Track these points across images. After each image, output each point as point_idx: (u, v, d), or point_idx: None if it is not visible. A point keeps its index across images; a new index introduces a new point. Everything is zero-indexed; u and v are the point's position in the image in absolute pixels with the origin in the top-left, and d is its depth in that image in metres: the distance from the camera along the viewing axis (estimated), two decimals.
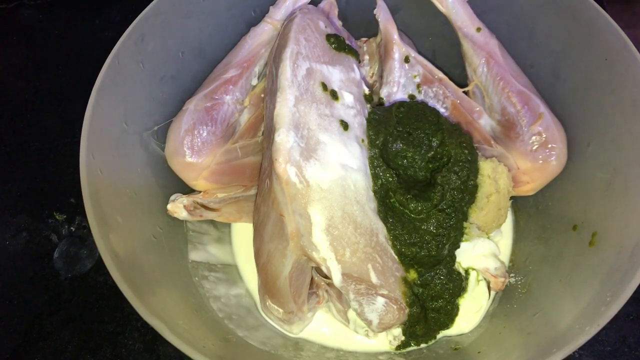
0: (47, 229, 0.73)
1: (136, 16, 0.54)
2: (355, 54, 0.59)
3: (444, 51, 0.69)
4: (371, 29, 0.67)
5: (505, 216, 0.58)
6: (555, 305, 0.50)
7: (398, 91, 0.62)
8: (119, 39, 0.52)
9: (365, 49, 0.68)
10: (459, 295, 0.56)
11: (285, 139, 0.48)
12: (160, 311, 0.44)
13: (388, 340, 0.56)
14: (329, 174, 0.49)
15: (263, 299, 0.56)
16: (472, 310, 0.58)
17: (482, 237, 0.57)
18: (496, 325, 0.56)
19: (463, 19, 0.62)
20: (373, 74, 0.67)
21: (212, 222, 0.64)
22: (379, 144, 0.55)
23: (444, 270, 0.54)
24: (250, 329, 0.55)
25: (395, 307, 0.51)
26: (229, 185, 0.59)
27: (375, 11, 0.64)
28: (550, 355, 0.41)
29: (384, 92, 0.62)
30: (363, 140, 0.54)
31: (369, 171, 0.53)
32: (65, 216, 0.73)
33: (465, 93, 0.64)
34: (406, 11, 0.67)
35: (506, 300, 0.59)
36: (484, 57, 0.61)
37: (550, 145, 0.56)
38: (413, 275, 0.53)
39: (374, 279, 0.49)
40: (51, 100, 0.83)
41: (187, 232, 0.60)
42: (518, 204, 0.66)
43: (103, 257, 0.44)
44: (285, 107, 0.49)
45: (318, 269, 0.55)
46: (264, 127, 0.59)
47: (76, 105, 0.55)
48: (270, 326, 0.59)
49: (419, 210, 0.53)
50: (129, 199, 0.52)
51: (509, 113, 0.59)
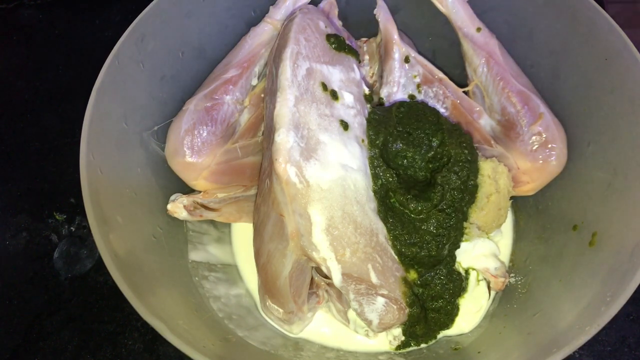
0: (47, 229, 0.73)
1: (136, 16, 0.54)
2: (355, 54, 0.59)
3: (444, 51, 0.68)
4: (371, 29, 0.67)
5: (505, 216, 0.58)
6: (555, 305, 0.50)
7: (398, 91, 0.62)
8: (119, 39, 0.52)
9: (365, 49, 0.68)
10: (459, 295, 0.56)
11: (285, 139, 0.48)
12: (160, 311, 0.44)
13: (388, 340, 0.56)
14: (329, 174, 0.49)
15: (263, 299, 0.56)
16: (472, 310, 0.58)
17: (482, 237, 0.57)
18: (496, 325, 0.56)
19: (463, 19, 0.62)
20: (373, 74, 0.67)
21: (212, 222, 0.64)
22: (379, 144, 0.55)
23: (444, 271, 0.54)
24: (250, 329, 0.55)
25: (395, 307, 0.51)
26: (229, 185, 0.59)
27: (375, 11, 0.64)
28: (550, 355, 0.41)
29: (384, 92, 0.62)
30: (363, 140, 0.54)
31: (369, 171, 0.53)
32: (65, 216, 0.73)
33: (465, 93, 0.63)
34: (406, 11, 0.67)
35: (506, 300, 0.59)
36: (484, 57, 0.61)
37: (550, 145, 0.56)
38: (413, 276, 0.53)
39: (374, 279, 0.49)
40: (51, 100, 0.83)
41: (187, 232, 0.60)
42: (518, 204, 0.66)
43: (103, 257, 0.44)
44: (285, 107, 0.49)
45: (318, 269, 0.55)
46: (264, 127, 0.59)
47: (76, 105, 0.55)
48: (270, 326, 0.59)
49: (419, 210, 0.53)
50: (129, 199, 0.52)
51: (509, 113, 0.59)
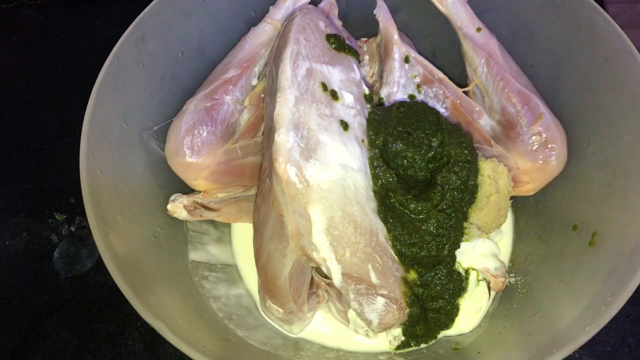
0: (47, 229, 0.73)
1: (136, 16, 0.54)
2: (355, 54, 0.59)
3: (444, 51, 0.69)
4: (371, 29, 0.67)
5: (505, 216, 0.58)
6: (555, 305, 0.50)
7: (398, 91, 0.62)
8: (119, 39, 0.52)
9: (365, 49, 0.68)
10: (459, 295, 0.56)
11: (285, 139, 0.48)
12: (160, 311, 0.44)
13: (388, 340, 0.56)
14: (329, 174, 0.49)
15: (263, 299, 0.56)
16: (472, 310, 0.58)
17: (482, 237, 0.57)
18: (496, 325, 0.56)
19: (463, 19, 0.62)
20: (373, 74, 0.67)
21: (212, 222, 0.64)
22: (379, 144, 0.55)
23: (444, 271, 0.54)
24: (250, 329, 0.55)
25: (395, 307, 0.51)
26: (229, 185, 0.59)
27: (375, 11, 0.64)
28: (550, 355, 0.41)
29: (384, 92, 0.62)
30: (363, 141, 0.54)
31: (369, 171, 0.53)
32: (65, 216, 0.73)
33: (465, 93, 0.63)
34: (406, 11, 0.67)
35: (506, 300, 0.59)
36: (484, 57, 0.61)
37: (550, 145, 0.56)
38: (413, 276, 0.53)
39: (374, 279, 0.49)
40: (51, 100, 0.83)
41: (187, 232, 0.60)
42: (518, 204, 0.66)
43: (103, 257, 0.44)
44: (285, 107, 0.49)
45: (318, 269, 0.55)
46: (264, 127, 0.59)
47: (76, 105, 0.55)
48: (270, 326, 0.59)
49: (419, 211, 0.53)
50: (129, 199, 0.52)
51: (509, 113, 0.59)
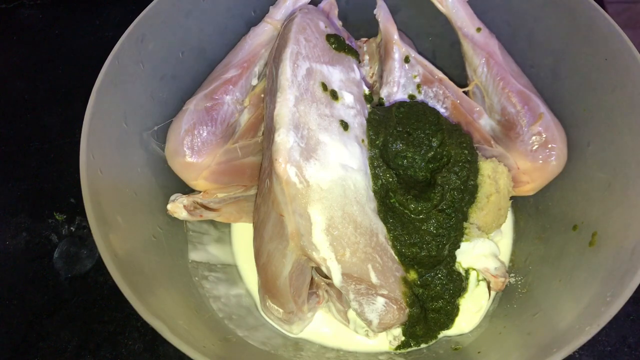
0: (47, 229, 0.73)
1: (136, 16, 0.54)
2: (355, 54, 0.59)
3: (444, 51, 0.69)
4: (371, 29, 0.67)
5: (505, 216, 0.58)
6: (555, 305, 0.50)
7: (398, 91, 0.62)
8: (119, 39, 0.52)
9: (365, 49, 0.68)
10: (459, 295, 0.56)
11: (285, 139, 0.48)
12: (160, 311, 0.44)
13: (388, 340, 0.56)
14: (329, 174, 0.49)
15: (263, 299, 0.56)
16: (472, 310, 0.58)
17: (482, 237, 0.57)
18: (496, 325, 0.56)
19: (463, 19, 0.62)
20: (373, 74, 0.67)
21: (212, 222, 0.64)
22: (379, 144, 0.55)
23: (444, 271, 0.54)
24: (250, 329, 0.55)
25: (395, 307, 0.51)
26: (229, 185, 0.59)
27: (375, 11, 0.64)
28: (550, 355, 0.41)
29: (384, 92, 0.62)
30: (363, 141, 0.54)
31: (369, 171, 0.53)
32: (65, 216, 0.73)
33: (465, 93, 0.63)
34: (406, 11, 0.67)
35: (506, 300, 0.59)
36: (484, 57, 0.61)
37: (550, 145, 0.56)
38: (413, 276, 0.53)
39: (374, 279, 0.49)
40: (51, 100, 0.83)
41: (187, 232, 0.60)
42: (518, 204, 0.66)
43: (103, 257, 0.44)
44: (285, 107, 0.49)
45: (318, 269, 0.55)
46: (264, 127, 0.59)
47: (76, 105, 0.55)
48: (270, 326, 0.59)
49: (419, 211, 0.53)
50: (129, 199, 0.52)
51: (509, 113, 0.59)
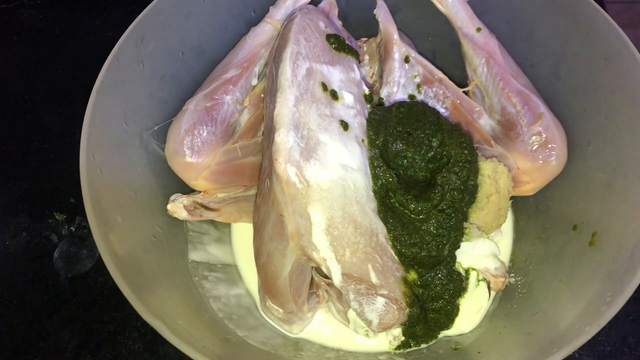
0: (47, 229, 0.73)
1: (136, 16, 0.54)
2: (355, 54, 0.59)
3: (444, 51, 0.68)
4: (371, 29, 0.67)
5: (505, 216, 0.58)
6: (555, 305, 0.50)
7: (398, 91, 0.62)
8: (119, 39, 0.52)
9: (365, 49, 0.68)
10: (459, 295, 0.56)
11: (285, 139, 0.48)
12: (160, 311, 0.44)
13: (388, 340, 0.56)
14: (329, 174, 0.49)
15: (263, 299, 0.56)
16: (472, 310, 0.58)
17: (482, 237, 0.57)
18: (496, 325, 0.56)
19: (463, 19, 0.62)
20: (373, 74, 0.67)
21: (212, 222, 0.64)
22: (379, 144, 0.55)
23: (444, 271, 0.54)
24: (250, 329, 0.55)
25: (395, 307, 0.51)
26: (229, 185, 0.59)
27: (375, 11, 0.64)
28: (550, 355, 0.41)
29: (384, 92, 0.62)
30: (363, 141, 0.54)
31: (369, 171, 0.53)
32: (65, 216, 0.73)
33: (465, 93, 0.63)
34: (406, 11, 0.67)
35: (506, 300, 0.59)
36: (484, 57, 0.61)
37: (550, 145, 0.56)
38: (413, 276, 0.53)
39: (374, 279, 0.49)
40: (51, 100, 0.83)
41: (187, 232, 0.60)
42: (518, 204, 0.66)
43: (103, 257, 0.44)
44: (285, 107, 0.49)
45: (318, 269, 0.55)
46: (264, 127, 0.59)
47: (76, 105, 0.55)
48: (270, 326, 0.59)
49: (419, 211, 0.53)
50: (129, 199, 0.52)
51: (509, 113, 0.59)
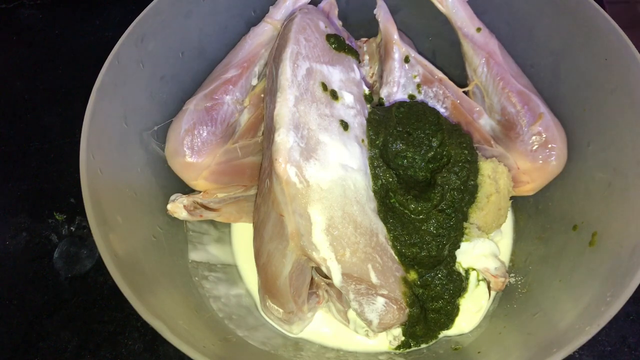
0: (47, 229, 0.73)
1: (136, 16, 0.54)
2: (355, 54, 0.59)
3: (444, 51, 0.69)
4: (371, 29, 0.67)
5: (505, 216, 0.58)
6: (555, 305, 0.50)
7: (398, 91, 0.62)
8: (119, 39, 0.52)
9: (365, 49, 0.68)
10: (459, 295, 0.56)
11: (285, 139, 0.48)
12: (160, 311, 0.44)
13: (388, 340, 0.56)
14: (329, 174, 0.49)
15: (263, 299, 0.56)
16: (472, 310, 0.58)
17: (482, 237, 0.57)
18: (496, 325, 0.56)
19: (463, 19, 0.62)
20: (373, 74, 0.67)
21: (212, 222, 0.64)
22: (379, 144, 0.55)
23: (444, 271, 0.54)
24: (250, 329, 0.55)
25: (395, 307, 0.51)
26: (229, 185, 0.59)
27: (375, 11, 0.64)
28: (550, 355, 0.41)
29: (384, 92, 0.62)
30: (363, 141, 0.54)
31: (369, 171, 0.53)
32: (65, 216, 0.73)
33: (465, 93, 0.63)
34: (406, 11, 0.67)
35: (506, 300, 0.59)
36: (484, 57, 0.61)
37: (550, 145, 0.56)
38: (413, 276, 0.53)
39: (374, 279, 0.49)
40: (51, 100, 0.83)
41: (187, 232, 0.60)
42: (518, 204, 0.66)
43: (103, 257, 0.44)
44: (285, 107, 0.49)
45: (318, 269, 0.55)
46: (264, 127, 0.59)
47: (76, 105, 0.55)
48: (270, 326, 0.59)
49: (419, 211, 0.53)
50: (129, 199, 0.52)
51: (509, 113, 0.59)
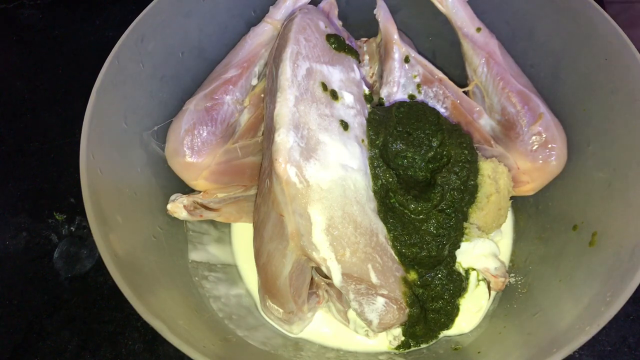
0: (47, 229, 0.73)
1: (136, 16, 0.54)
2: (355, 54, 0.59)
3: (444, 51, 0.68)
4: (371, 29, 0.67)
5: (505, 216, 0.58)
6: (555, 305, 0.50)
7: (398, 91, 0.62)
8: (119, 39, 0.52)
9: (365, 49, 0.68)
10: (459, 295, 0.56)
11: (285, 139, 0.48)
12: (160, 311, 0.44)
13: (388, 340, 0.56)
14: (329, 174, 0.49)
15: (263, 299, 0.56)
16: (472, 310, 0.58)
17: (482, 237, 0.57)
18: (496, 325, 0.56)
19: (463, 19, 0.62)
20: (373, 74, 0.67)
21: (212, 222, 0.64)
22: (379, 144, 0.55)
23: (444, 271, 0.54)
24: (250, 329, 0.55)
25: (395, 307, 0.51)
26: (229, 185, 0.59)
27: (375, 11, 0.64)
28: (550, 355, 0.41)
29: (384, 92, 0.62)
30: (363, 141, 0.54)
31: (369, 171, 0.53)
32: (65, 216, 0.73)
33: (465, 93, 0.63)
34: (406, 11, 0.67)
35: (506, 300, 0.59)
36: (484, 57, 0.61)
37: (550, 145, 0.56)
38: (413, 276, 0.53)
39: (374, 279, 0.49)
40: (51, 100, 0.83)
41: (187, 232, 0.60)
42: (518, 204, 0.66)
43: (103, 257, 0.44)
44: (285, 107, 0.49)
45: (318, 269, 0.55)
46: (264, 127, 0.59)
47: (76, 105, 0.55)
48: (270, 326, 0.59)
49: (419, 211, 0.53)
50: (129, 199, 0.52)
51: (509, 113, 0.59)
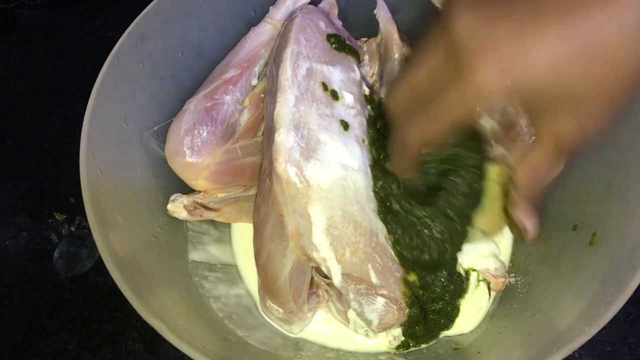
0: (47, 229, 0.73)
1: (136, 16, 0.54)
2: (356, 54, 0.59)
3: None
4: (371, 29, 0.67)
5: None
6: (555, 305, 0.50)
7: None
8: (119, 39, 0.52)
9: (365, 49, 0.68)
10: (459, 296, 0.55)
11: (285, 139, 0.48)
12: (160, 311, 0.44)
13: (388, 340, 0.56)
14: (329, 173, 0.49)
15: (263, 299, 0.56)
16: (473, 310, 0.58)
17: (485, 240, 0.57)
18: (496, 325, 0.56)
19: None
20: (373, 74, 0.67)
21: (212, 222, 0.64)
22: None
23: (444, 273, 0.53)
24: (250, 329, 0.55)
25: (395, 307, 0.51)
26: (229, 185, 0.59)
27: (375, 11, 0.64)
28: (550, 355, 0.41)
29: (384, 92, 0.62)
30: (363, 141, 0.54)
31: (369, 171, 0.53)
32: (65, 216, 0.73)
33: None
34: (406, 11, 0.67)
35: (506, 300, 0.59)
36: None
37: None
38: (413, 278, 0.53)
39: (374, 279, 0.49)
40: (51, 100, 0.83)
41: (187, 232, 0.60)
42: None
43: (103, 257, 0.44)
44: (285, 107, 0.49)
45: (318, 269, 0.55)
46: (264, 127, 0.59)
47: (76, 105, 0.55)
48: (270, 326, 0.59)
49: (422, 215, 0.52)
50: (129, 199, 0.52)
51: (509, 113, 0.59)
